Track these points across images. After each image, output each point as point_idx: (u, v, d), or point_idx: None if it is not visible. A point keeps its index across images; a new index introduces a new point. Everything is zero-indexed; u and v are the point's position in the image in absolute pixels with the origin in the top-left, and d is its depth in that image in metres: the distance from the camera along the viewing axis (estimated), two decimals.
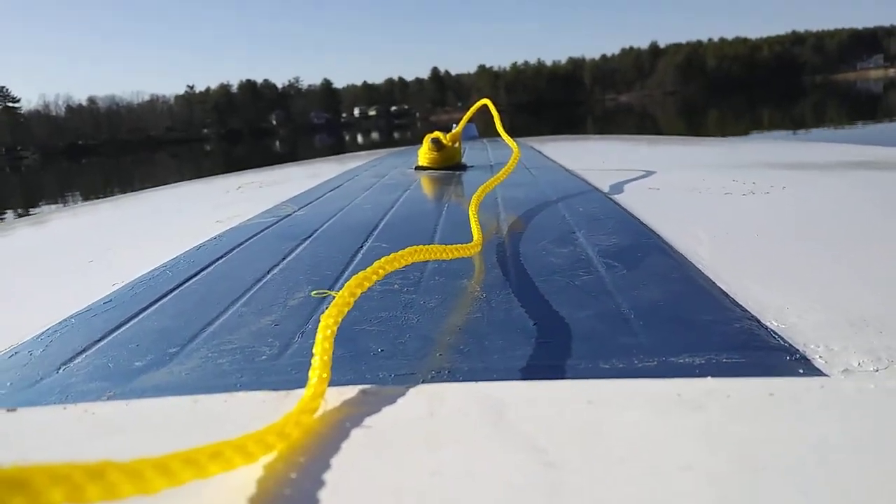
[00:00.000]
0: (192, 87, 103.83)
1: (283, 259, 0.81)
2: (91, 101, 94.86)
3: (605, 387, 0.39)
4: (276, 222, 1.10)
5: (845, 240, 0.76)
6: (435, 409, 0.37)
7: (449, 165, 1.80)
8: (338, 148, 24.98)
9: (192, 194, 1.91)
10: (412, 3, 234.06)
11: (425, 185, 1.52)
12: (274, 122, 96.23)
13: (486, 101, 1.97)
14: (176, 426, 0.38)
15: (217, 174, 2.72)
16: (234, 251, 0.89)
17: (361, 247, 0.86)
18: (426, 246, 0.58)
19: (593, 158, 1.90)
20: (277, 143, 44.05)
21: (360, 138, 35.44)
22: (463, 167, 1.82)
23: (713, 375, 0.40)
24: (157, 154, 40.42)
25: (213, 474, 0.28)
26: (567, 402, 0.37)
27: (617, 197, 1.13)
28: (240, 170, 2.80)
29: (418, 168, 1.83)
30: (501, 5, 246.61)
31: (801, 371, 0.41)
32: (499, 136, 1.88)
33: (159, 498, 0.26)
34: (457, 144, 1.84)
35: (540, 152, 2.11)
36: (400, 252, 0.53)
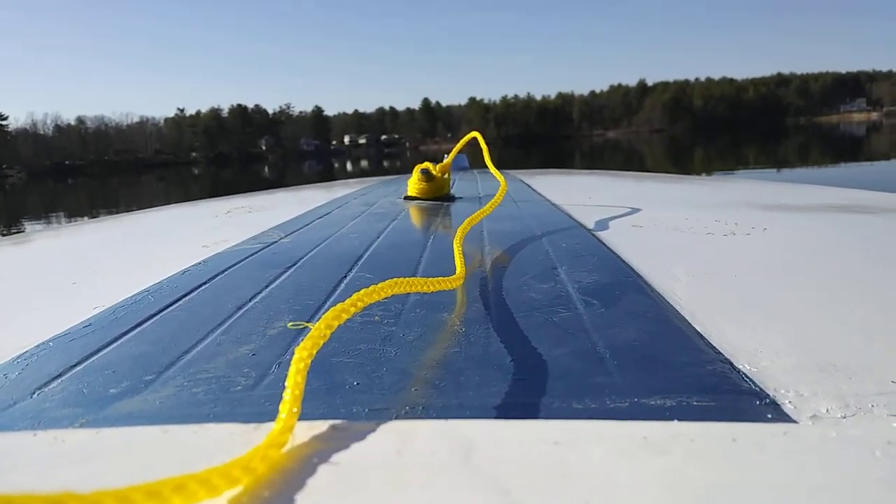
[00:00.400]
0: (182, 111, 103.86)
1: (266, 287, 0.81)
2: (80, 120, 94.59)
3: (574, 427, 0.39)
4: (262, 249, 1.10)
5: (823, 283, 0.77)
6: (404, 447, 0.37)
7: (438, 196, 1.80)
8: (327, 175, 24.97)
9: (180, 217, 1.90)
10: (406, 34, 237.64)
11: (413, 215, 1.52)
12: (263, 148, 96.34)
13: (475, 133, 2.00)
14: (145, 456, 0.38)
15: (204, 198, 2.72)
16: (218, 277, 0.88)
17: (345, 276, 0.85)
18: (408, 278, 0.58)
19: (580, 194, 1.91)
20: (266, 168, 44.03)
21: (349, 166, 35.49)
22: (451, 198, 1.83)
23: (681, 418, 0.41)
24: (144, 176, 40.19)
25: None
26: (535, 443, 0.37)
27: (600, 234, 1.13)
28: (227, 194, 2.79)
29: (407, 198, 1.83)
30: (494, 40, 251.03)
31: (769, 416, 0.41)
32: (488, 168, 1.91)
33: None
34: (446, 176, 1.85)
35: (528, 186, 2.13)
36: (380, 284, 0.52)
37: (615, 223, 1.26)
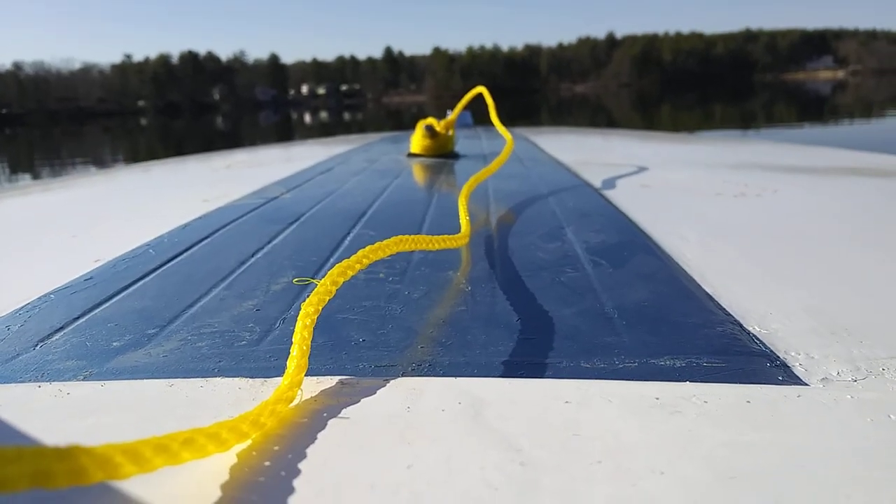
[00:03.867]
0: (129, 57, 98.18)
1: (269, 242, 0.81)
2: (16, 66, 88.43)
3: (584, 387, 0.39)
4: (264, 204, 1.10)
5: (834, 246, 0.76)
6: (413, 403, 0.37)
7: (442, 153, 1.78)
8: (284, 126, 23.17)
9: (179, 171, 1.86)
10: None
11: (416, 172, 1.50)
12: (216, 97, 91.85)
13: (481, 88, 1.94)
14: (150, 410, 0.38)
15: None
16: (220, 232, 0.88)
17: (349, 233, 0.85)
18: (412, 236, 0.57)
19: (587, 153, 1.87)
20: (220, 118, 41.43)
21: (307, 117, 33.39)
22: (456, 156, 1.79)
23: (692, 379, 0.40)
24: (86, 126, 37.00)
25: (185, 461, 0.28)
26: (546, 401, 0.37)
27: (608, 193, 1.13)
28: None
29: (410, 155, 1.80)
30: None
31: (780, 378, 0.41)
32: (493, 124, 1.87)
33: (131, 482, 0.26)
34: (450, 132, 1.81)
35: (534, 144, 2.08)
36: (385, 241, 0.52)
37: (623, 183, 1.24)
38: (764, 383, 0.40)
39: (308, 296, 0.43)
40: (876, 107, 15.89)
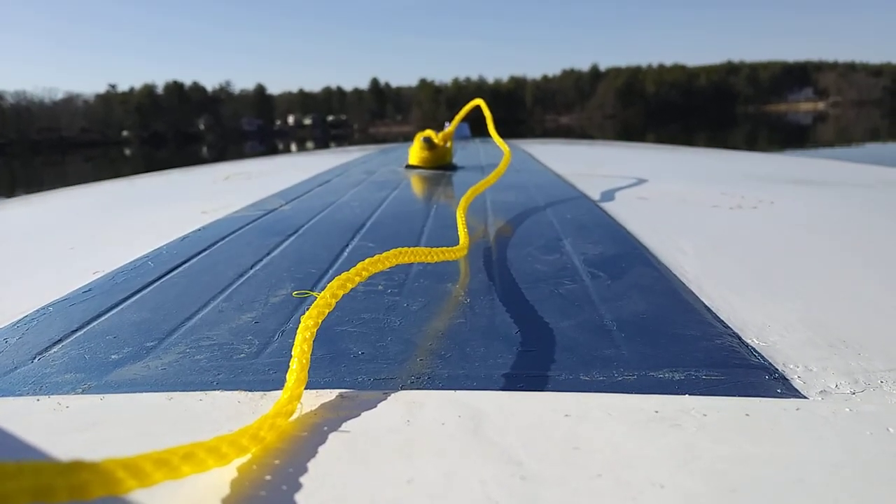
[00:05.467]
0: (113, 87, 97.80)
1: (268, 254, 0.81)
2: None
3: (583, 400, 0.39)
4: (263, 216, 1.10)
5: (831, 258, 0.76)
6: (413, 417, 0.37)
7: (440, 165, 1.78)
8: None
9: (178, 183, 1.84)
10: (354, 12, 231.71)
11: (415, 184, 1.50)
12: (202, 127, 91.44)
13: (479, 101, 1.93)
14: (150, 423, 0.37)
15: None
16: (219, 244, 0.88)
17: (347, 245, 0.85)
18: (411, 248, 0.56)
19: (584, 164, 1.87)
20: (205, 148, 41.13)
21: (294, 147, 33.10)
22: (454, 167, 1.79)
23: (692, 392, 0.40)
24: (68, 156, 36.40)
25: (185, 475, 0.28)
26: (546, 415, 0.36)
27: (606, 205, 1.13)
28: None
29: (408, 167, 1.80)
30: (444, 20, 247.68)
31: (778, 391, 0.41)
32: (490, 136, 1.85)
33: (132, 497, 0.26)
34: (448, 144, 1.80)
35: (531, 156, 2.09)
36: (384, 254, 0.52)
37: (620, 194, 1.24)
38: (763, 396, 0.40)
39: (307, 308, 0.42)
40: (856, 141, 15.92)
